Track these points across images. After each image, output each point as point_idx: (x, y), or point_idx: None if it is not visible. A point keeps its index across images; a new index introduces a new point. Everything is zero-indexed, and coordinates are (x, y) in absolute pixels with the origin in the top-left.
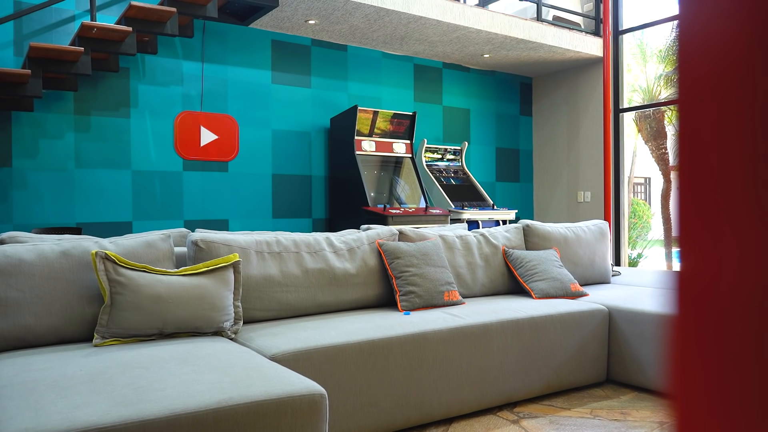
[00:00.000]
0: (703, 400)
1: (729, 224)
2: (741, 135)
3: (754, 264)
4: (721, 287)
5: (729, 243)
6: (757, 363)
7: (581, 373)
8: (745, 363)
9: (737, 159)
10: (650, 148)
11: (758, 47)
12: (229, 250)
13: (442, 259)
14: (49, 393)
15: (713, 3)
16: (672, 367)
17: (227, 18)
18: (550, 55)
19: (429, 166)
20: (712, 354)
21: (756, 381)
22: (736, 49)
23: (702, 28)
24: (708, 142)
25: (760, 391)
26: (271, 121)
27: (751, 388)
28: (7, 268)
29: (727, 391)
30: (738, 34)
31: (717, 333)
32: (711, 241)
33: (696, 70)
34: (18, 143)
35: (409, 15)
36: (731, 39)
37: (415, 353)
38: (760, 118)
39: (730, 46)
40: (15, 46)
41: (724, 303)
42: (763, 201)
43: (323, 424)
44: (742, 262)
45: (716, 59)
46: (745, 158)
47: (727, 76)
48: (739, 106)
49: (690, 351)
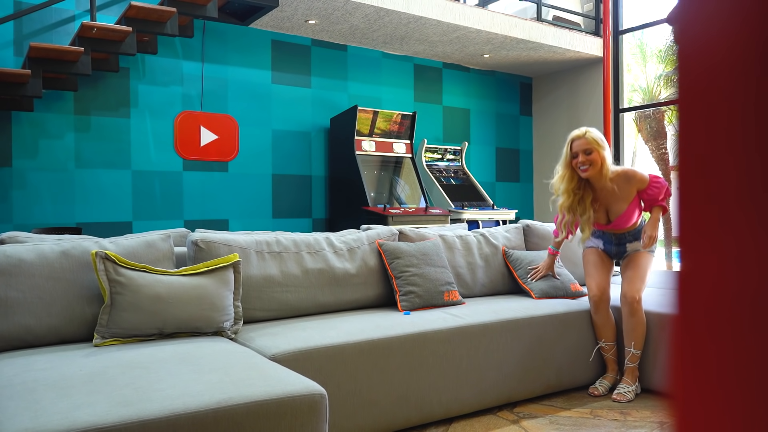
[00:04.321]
0: (703, 400)
1: (729, 224)
2: (741, 135)
3: (754, 264)
4: (721, 287)
5: (729, 243)
6: (757, 363)
7: (581, 373)
8: (745, 363)
9: (737, 159)
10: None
11: (757, 47)
12: (229, 250)
13: (442, 259)
14: (49, 393)
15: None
16: (672, 367)
17: (227, 18)
18: (550, 55)
19: (429, 166)
20: (712, 354)
21: (756, 381)
22: (736, 49)
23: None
24: (708, 143)
25: (760, 392)
26: (271, 121)
27: (751, 388)
28: (7, 268)
29: (727, 391)
30: (737, 34)
31: (717, 333)
32: (711, 241)
33: (696, 70)
34: (18, 143)
35: (409, 15)
36: (731, 39)
37: (415, 353)
38: (760, 118)
39: (730, 46)
40: (15, 46)
41: (724, 303)
42: (762, 201)
43: (323, 424)
44: (742, 261)
45: (715, 59)
46: (745, 158)
47: (726, 76)
48: (738, 106)
49: (690, 351)
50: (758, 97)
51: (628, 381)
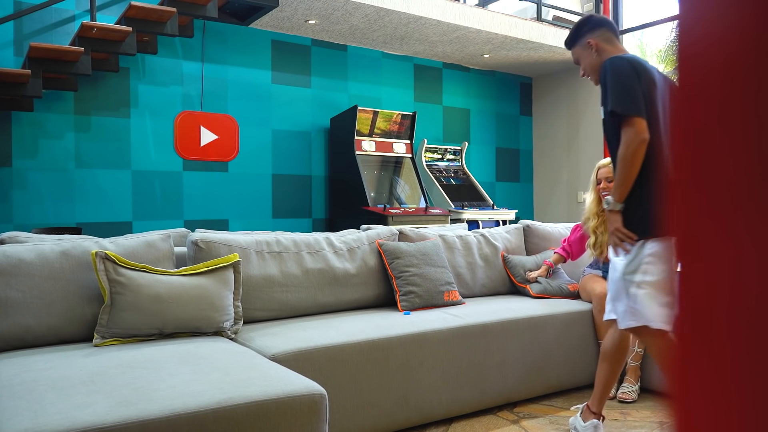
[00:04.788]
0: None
1: (729, 224)
2: (741, 135)
3: (753, 265)
4: (720, 288)
5: (728, 244)
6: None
7: (581, 373)
8: (745, 364)
9: (737, 159)
10: None
11: (758, 47)
12: (229, 250)
13: (442, 259)
14: (49, 393)
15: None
16: (672, 367)
17: (227, 18)
18: (550, 55)
19: (429, 166)
20: (712, 354)
21: (756, 382)
22: (736, 49)
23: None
24: (708, 142)
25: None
26: (271, 121)
27: (751, 389)
28: (7, 268)
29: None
30: (738, 33)
31: (717, 334)
32: (711, 242)
33: (696, 70)
34: (18, 143)
35: (409, 15)
36: (731, 39)
37: (415, 353)
38: (760, 118)
39: (730, 46)
40: (15, 46)
41: (724, 304)
42: (762, 201)
43: (323, 424)
44: (742, 262)
45: (716, 59)
46: (745, 158)
47: (727, 75)
48: (739, 106)
49: (690, 351)
50: (758, 97)
51: (631, 380)
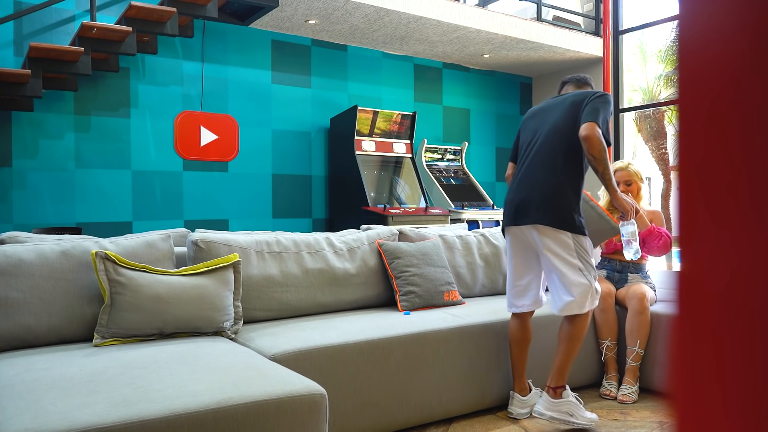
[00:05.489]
0: (703, 400)
1: (729, 224)
2: (741, 135)
3: (754, 264)
4: (721, 287)
5: (729, 243)
6: (757, 363)
7: (581, 373)
8: (746, 363)
9: (737, 159)
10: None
11: (758, 47)
12: (229, 250)
13: (442, 259)
14: (49, 393)
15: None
16: (673, 367)
17: (227, 18)
18: (550, 55)
19: (429, 166)
20: (712, 354)
21: (756, 381)
22: (736, 49)
23: (702, 27)
24: (708, 142)
25: (760, 392)
26: (271, 121)
27: (752, 388)
28: (7, 268)
29: (727, 391)
30: (738, 33)
31: (717, 333)
32: (711, 241)
33: (696, 69)
34: (18, 143)
35: (409, 15)
36: (731, 39)
37: (415, 353)
38: (760, 118)
39: (730, 46)
40: (15, 46)
41: (725, 303)
42: (762, 200)
43: (323, 424)
44: (742, 261)
45: (716, 59)
46: (745, 158)
47: (727, 75)
48: (739, 106)
49: (690, 351)
50: (759, 97)
51: (630, 381)
